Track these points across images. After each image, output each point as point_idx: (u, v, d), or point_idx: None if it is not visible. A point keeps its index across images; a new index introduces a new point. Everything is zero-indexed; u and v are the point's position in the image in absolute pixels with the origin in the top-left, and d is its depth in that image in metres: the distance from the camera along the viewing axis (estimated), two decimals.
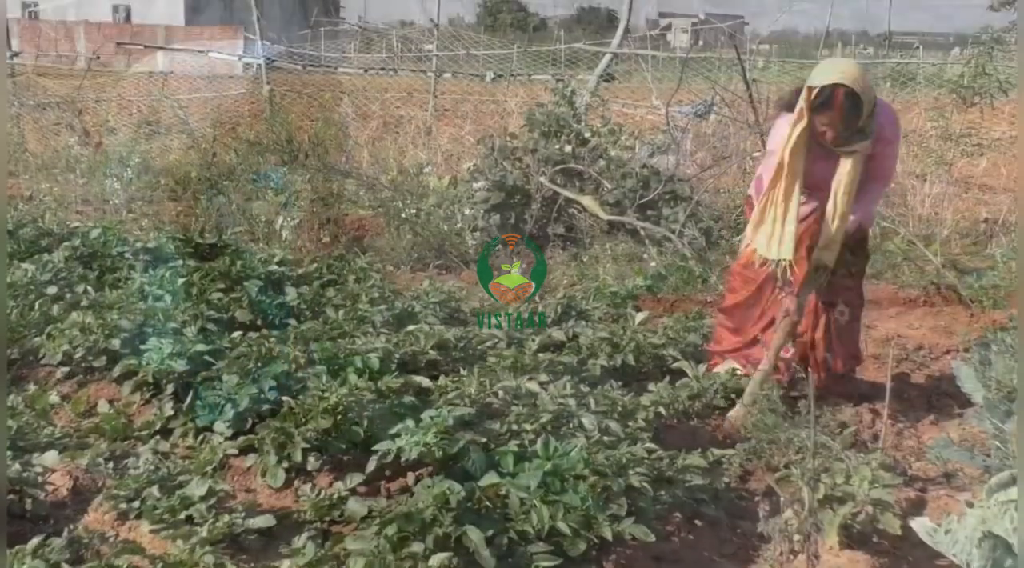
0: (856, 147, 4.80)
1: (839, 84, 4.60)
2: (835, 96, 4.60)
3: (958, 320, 7.04)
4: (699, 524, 4.00)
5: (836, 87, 4.60)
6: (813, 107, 4.67)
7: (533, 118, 9.94)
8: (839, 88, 4.60)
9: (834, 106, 4.62)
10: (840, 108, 4.62)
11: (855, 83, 4.60)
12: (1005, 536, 3.14)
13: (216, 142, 12.61)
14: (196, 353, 5.15)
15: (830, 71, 4.69)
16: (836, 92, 4.60)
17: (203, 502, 3.90)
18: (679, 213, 8.92)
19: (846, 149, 4.82)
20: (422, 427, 4.22)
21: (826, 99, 4.62)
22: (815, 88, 4.65)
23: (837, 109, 4.62)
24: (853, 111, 4.64)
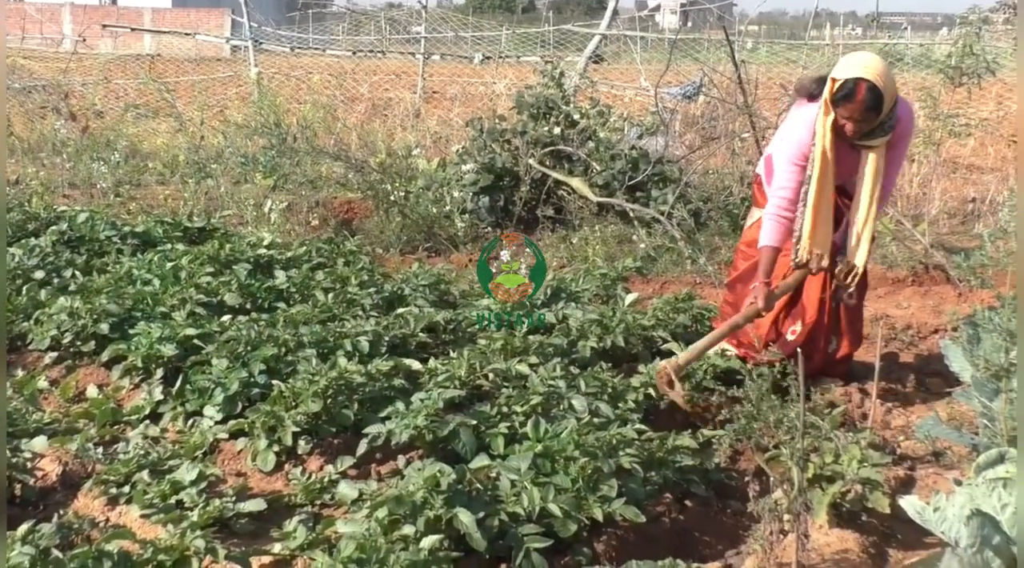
0: (876, 142, 4.80)
1: (862, 78, 4.60)
2: (857, 90, 4.60)
3: (946, 299, 7.06)
4: (689, 504, 4.01)
5: (859, 81, 4.60)
6: (835, 100, 4.67)
7: (522, 100, 9.92)
8: (861, 82, 4.60)
9: (855, 99, 4.62)
10: (861, 102, 4.62)
11: (878, 78, 4.60)
12: (993, 513, 3.16)
13: (204, 125, 12.57)
14: (185, 337, 5.16)
15: (854, 65, 4.68)
16: (859, 86, 4.60)
17: (193, 486, 3.91)
18: (668, 194, 8.91)
19: (866, 143, 4.82)
20: (412, 410, 4.23)
21: (848, 92, 4.62)
22: (838, 80, 4.65)
23: (858, 103, 4.62)
24: (874, 106, 4.63)
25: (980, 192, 10.51)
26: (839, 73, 4.68)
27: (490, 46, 22.51)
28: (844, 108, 4.66)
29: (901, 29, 30.58)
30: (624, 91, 17.51)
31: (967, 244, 8.70)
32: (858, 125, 4.71)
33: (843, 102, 4.65)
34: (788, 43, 20.00)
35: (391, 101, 16.48)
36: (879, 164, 4.83)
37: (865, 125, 4.72)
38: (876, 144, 4.81)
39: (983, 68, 8.81)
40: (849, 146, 4.87)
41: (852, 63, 4.71)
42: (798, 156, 4.92)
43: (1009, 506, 3.16)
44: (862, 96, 4.59)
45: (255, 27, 18.16)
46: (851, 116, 4.67)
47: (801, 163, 4.91)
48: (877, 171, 4.83)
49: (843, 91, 4.63)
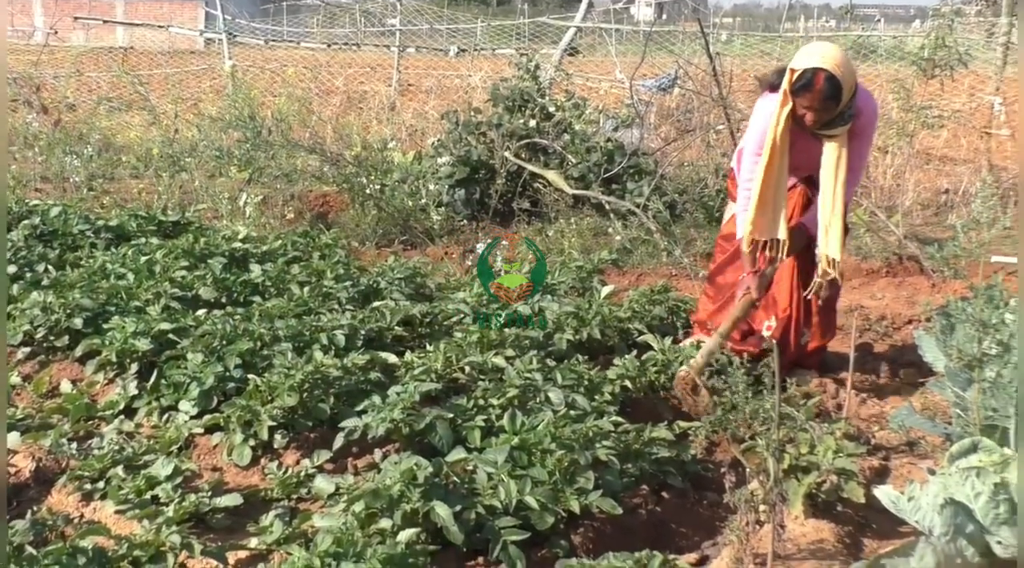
0: (836, 131, 4.82)
1: (820, 68, 4.62)
2: (816, 80, 4.62)
3: (920, 290, 7.11)
4: (666, 496, 4.03)
5: (817, 71, 4.62)
6: (794, 89, 4.69)
7: (497, 93, 9.92)
8: (820, 72, 4.61)
9: (814, 89, 4.64)
10: (820, 92, 4.63)
11: (836, 68, 4.61)
12: (966, 502, 3.18)
13: (178, 118, 12.50)
14: (160, 331, 5.13)
15: (813, 55, 4.70)
16: (817, 76, 4.61)
17: (169, 482, 3.90)
18: (644, 187, 8.93)
19: (826, 133, 4.84)
20: (389, 403, 4.23)
21: (807, 82, 4.64)
22: (796, 70, 4.67)
23: (816, 92, 4.64)
24: (832, 95, 4.65)
25: (953, 183, 10.58)
26: (797, 63, 4.70)
27: (465, 39, 22.49)
28: (803, 98, 4.68)
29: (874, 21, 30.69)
30: (599, 83, 17.52)
31: (940, 235, 8.75)
32: (817, 114, 4.73)
33: (802, 92, 4.67)
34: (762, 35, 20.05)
35: (366, 94, 16.43)
36: (841, 153, 4.84)
37: (824, 114, 4.74)
38: (836, 133, 4.83)
39: (955, 60, 8.86)
40: (811, 136, 4.89)
41: (810, 53, 4.73)
42: (758, 147, 4.96)
43: (982, 495, 3.18)
44: (820, 86, 4.61)
45: (229, 20, 18.03)
46: (810, 106, 4.69)
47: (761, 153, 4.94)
48: (839, 160, 4.85)
49: (801, 81, 4.65)
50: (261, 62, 19.30)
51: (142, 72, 16.78)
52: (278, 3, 38.43)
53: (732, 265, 5.40)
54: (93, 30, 32.14)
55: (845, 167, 4.85)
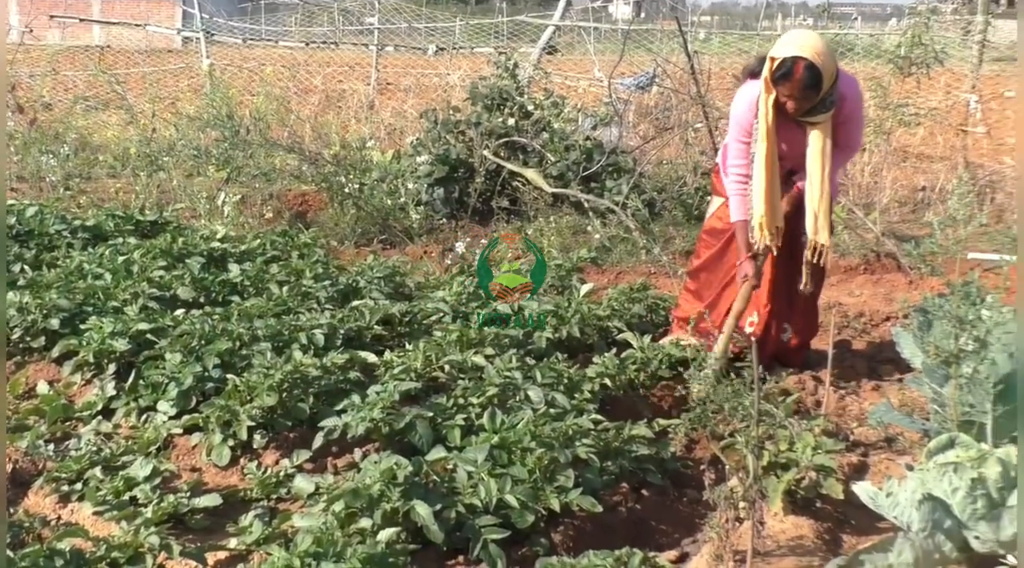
0: (818, 118, 4.86)
1: (799, 57, 4.64)
2: (795, 68, 4.65)
3: (897, 287, 7.14)
4: (646, 493, 4.03)
5: (797, 59, 4.65)
6: (774, 78, 4.73)
7: (476, 91, 9.90)
8: (799, 61, 4.65)
9: (794, 78, 4.67)
10: (800, 80, 4.67)
11: (816, 56, 4.65)
12: (944, 498, 3.20)
13: (155, 117, 12.44)
14: (138, 331, 5.11)
15: (792, 43, 4.74)
16: (796, 64, 4.65)
17: (147, 482, 3.88)
18: (622, 185, 8.94)
19: (809, 120, 4.87)
20: (368, 403, 4.22)
21: (787, 71, 4.68)
22: (776, 59, 4.70)
23: (796, 81, 4.68)
24: (812, 84, 4.69)
25: (930, 181, 10.62)
26: (777, 52, 4.74)
27: (444, 37, 22.45)
28: (784, 86, 4.73)
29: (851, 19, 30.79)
30: (578, 82, 17.51)
31: (917, 232, 8.79)
32: (799, 103, 4.77)
33: (782, 81, 4.72)
34: (740, 34, 20.07)
35: (345, 93, 16.37)
36: (825, 141, 4.89)
37: (806, 102, 4.78)
38: (819, 120, 4.87)
39: (932, 58, 8.90)
40: (795, 124, 4.93)
41: (790, 42, 4.77)
42: (743, 133, 5.05)
43: (960, 490, 3.20)
44: (800, 75, 4.66)
45: (207, 18, 17.96)
46: (791, 94, 4.74)
47: (746, 140, 5.03)
48: (823, 147, 4.89)
49: (781, 70, 4.69)
50: (239, 61, 19.20)
51: (119, 71, 16.68)
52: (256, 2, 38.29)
53: (720, 260, 5.42)
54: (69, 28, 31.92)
55: (831, 154, 4.89)
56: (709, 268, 5.49)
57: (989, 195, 9.93)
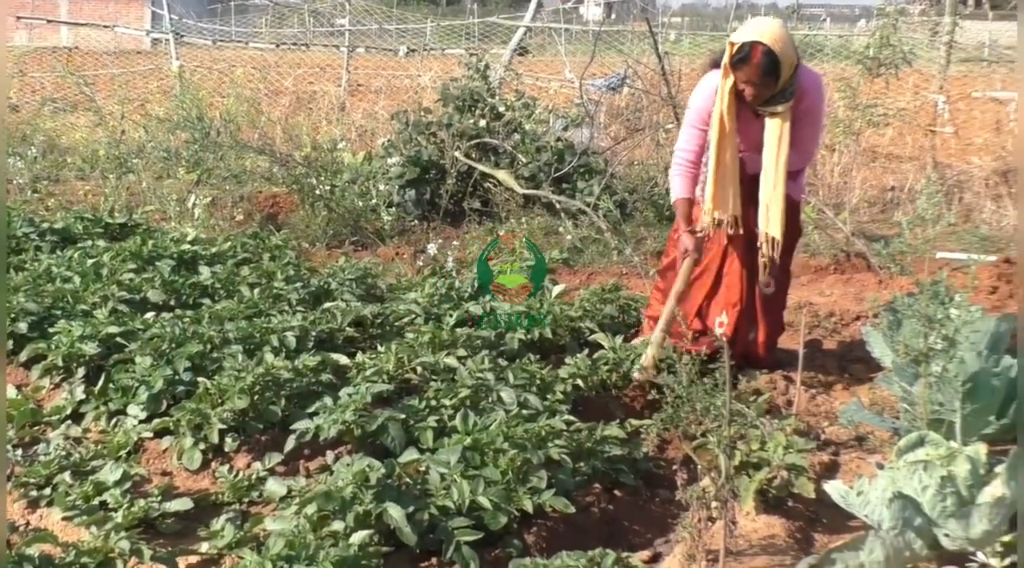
0: (778, 108, 4.89)
1: (757, 42, 4.68)
2: (753, 53, 4.70)
3: (867, 287, 7.17)
4: (618, 494, 4.04)
5: (755, 44, 4.69)
6: (732, 63, 4.78)
7: (447, 93, 9.90)
8: (757, 46, 4.69)
9: (751, 62, 4.71)
10: (758, 65, 4.71)
11: (774, 42, 4.69)
12: (914, 496, 3.22)
13: (125, 119, 12.36)
14: (107, 335, 5.08)
15: (752, 30, 4.81)
16: (754, 49, 4.70)
17: (117, 487, 3.86)
18: (594, 186, 8.96)
19: (768, 109, 4.91)
20: (340, 405, 4.21)
21: (744, 55, 4.73)
22: (735, 44, 4.75)
23: (754, 66, 4.72)
24: (770, 70, 4.73)
25: (899, 181, 10.70)
26: (737, 37, 4.82)
27: (415, 39, 22.41)
28: (742, 71, 4.77)
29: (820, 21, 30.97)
30: (549, 83, 17.53)
31: (887, 232, 8.86)
32: (757, 89, 4.81)
33: (740, 65, 4.76)
34: (711, 35, 20.13)
35: (315, 94, 16.32)
36: (783, 131, 4.92)
37: (764, 90, 4.82)
38: (778, 110, 4.90)
39: (900, 59, 8.97)
40: (753, 114, 4.96)
41: (750, 28, 4.85)
42: (697, 120, 5.09)
43: (930, 488, 3.22)
44: (757, 59, 4.70)
45: (176, 19, 17.85)
46: (749, 79, 4.78)
47: (701, 126, 5.08)
48: (781, 138, 4.92)
49: (740, 54, 4.75)
50: (209, 62, 19.11)
51: (87, 72, 16.55)
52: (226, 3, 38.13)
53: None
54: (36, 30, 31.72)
55: (787, 145, 4.91)
56: (676, 267, 5.50)
57: (957, 195, 10.01)
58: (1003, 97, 14.09)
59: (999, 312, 5.67)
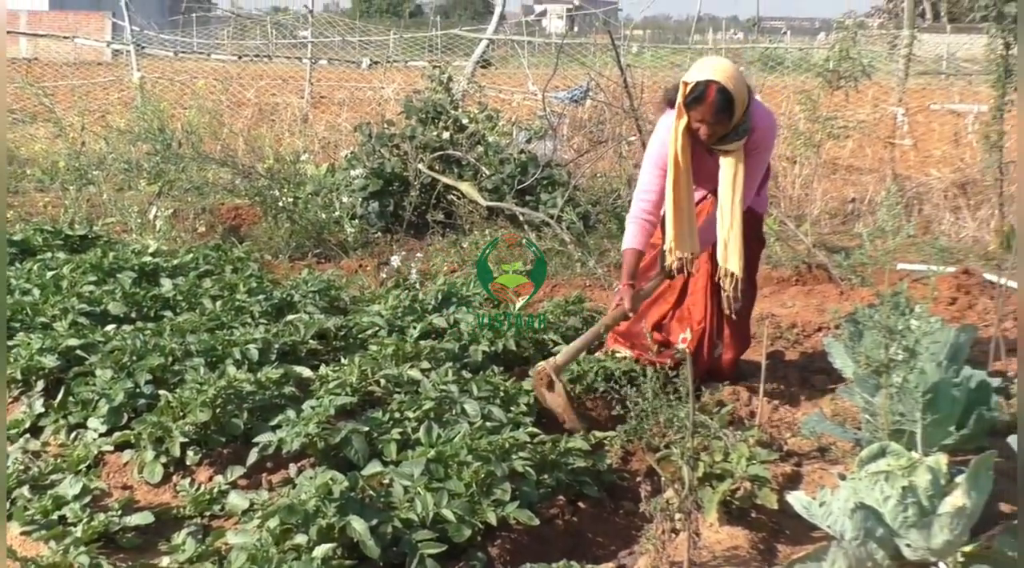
0: (731, 146, 4.89)
1: (712, 81, 4.68)
2: (708, 92, 4.68)
3: (829, 298, 7.22)
4: (582, 506, 4.04)
5: (709, 83, 4.68)
6: (687, 103, 4.75)
7: (410, 105, 9.89)
8: (712, 84, 4.68)
9: (706, 102, 4.70)
10: (712, 104, 4.69)
11: (728, 81, 4.68)
12: (876, 506, 3.24)
13: (85, 131, 12.26)
14: (67, 348, 5.04)
15: (705, 68, 4.77)
16: (709, 88, 4.67)
17: (77, 501, 3.82)
18: (557, 198, 8.97)
19: (721, 148, 4.91)
20: (303, 418, 4.19)
21: (699, 94, 4.70)
22: (689, 83, 4.74)
23: (709, 105, 4.70)
24: (724, 108, 4.71)
25: (859, 192, 10.78)
26: (690, 77, 4.78)
27: (378, 51, 22.42)
28: (696, 111, 4.75)
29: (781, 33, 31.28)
30: (512, 95, 17.57)
31: (848, 243, 8.92)
32: (711, 128, 4.79)
33: (694, 105, 4.74)
34: (672, 47, 20.24)
35: (278, 106, 16.27)
36: (737, 169, 4.91)
37: (719, 128, 4.80)
38: (731, 149, 4.90)
39: (859, 72, 9.06)
40: (707, 152, 4.97)
41: (703, 67, 4.81)
42: (661, 159, 5.01)
43: (891, 499, 3.24)
44: (712, 98, 4.68)
45: (137, 31, 17.78)
46: (703, 119, 4.76)
47: (663, 167, 4.99)
48: (735, 176, 4.91)
49: (694, 93, 4.72)
50: (171, 74, 19.00)
51: (47, 84, 16.40)
52: (187, 15, 38.00)
53: (646, 275, 5.44)
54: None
55: (742, 183, 4.92)
56: (641, 280, 5.50)
57: (916, 207, 10.11)
58: (961, 109, 14.26)
59: (958, 323, 5.73)
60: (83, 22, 42.11)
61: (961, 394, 3.91)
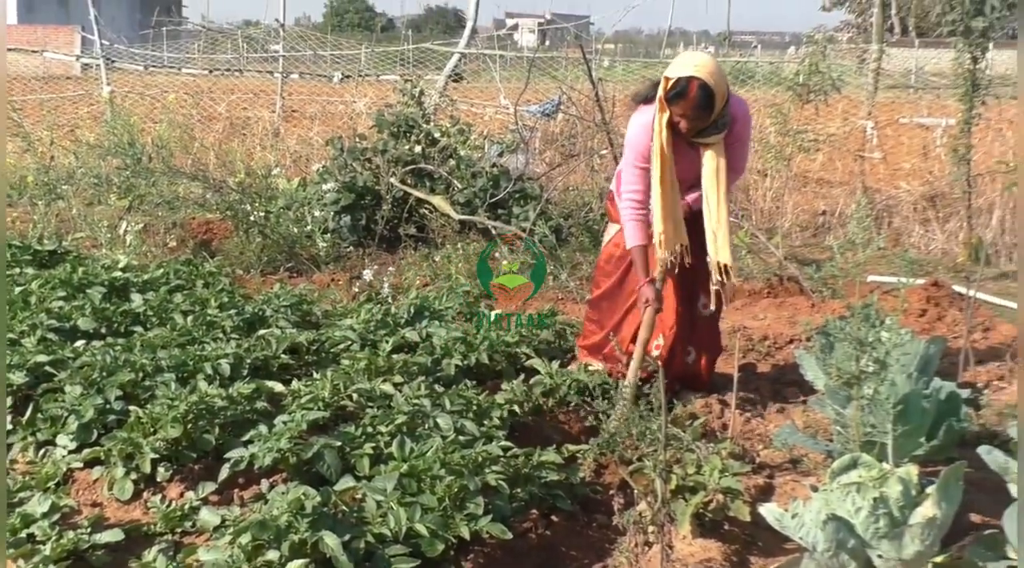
0: (711, 139, 4.96)
1: (693, 77, 4.74)
2: (690, 87, 4.75)
3: (800, 310, 7.25)
4: (555, 519, 4.03)
5: (691, 79, 4.75)
6: (668, 98, 4.82)
7: (382, 119, 9.89)
8: (693, 80, 4.75)
9: (688, 97, 4.76)
10: (694, 99, 4.76)
11: (709, 76, 4.75)
12: (848, 517, 3.25)
13: (54, 145, 12.19)
14: (36, 364, 5.00)
15: (686, 64, 4.85)
16: (691, 84, 4.75)
17: (46, 519, 3.79)
18: (529, 211, 8.98)
19: (702, 141, 4.97)
20: (275, 433, 4.17)
21: (681, 90, 4.77)
22: (671, 79, 4.79)
23: (690, 100, 4.77)
24: (706, 103, 4.79)
25: (830, 205, 10.85)
26: (672, 72, 4.85)
27: (349, 65, 22.36)
28: (678, 106, 4.82)
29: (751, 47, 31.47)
30: (484, 109, 17.58)
31: (819, 256, 8.98)
32: (692, 122, 4.87)
33: (676, 99, 4.81)
34: (643, 61, 20.32)
35: (249, 120, 16.22)
36: (719, 161, 4.99)
37: (699, 122, 4.88)
38: (712, 141, 4.98)
39: (829, 85, 9.13)
40: (688, 145, 5.03)
41: (684, 62, 4.88)
42: (639, 158, 5.10)
43: (863, 510, 3.25)
44: (694, 93, 4.76)
45: (107, 45, 17.68)
46: (684, 113, 4.83)
47: (643, 165, 5.07)
48: (718, 168, 4.99)
49: (676, 89, 4.79)
50: (141, 88, 18.91)
51: (15, 98, 16.30)
52: (158, 28, 37.85)
53: (619, 288, 5.45)
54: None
55: (725, 174, 4.98)
56: (609, 296, 5.51)
57: (886, 219, 10.19)
58: (929, 123, 14.38)
59: (928, 335, 5.78)
60: (52, 36, 41.85)
61: (931, 405, 3.93)
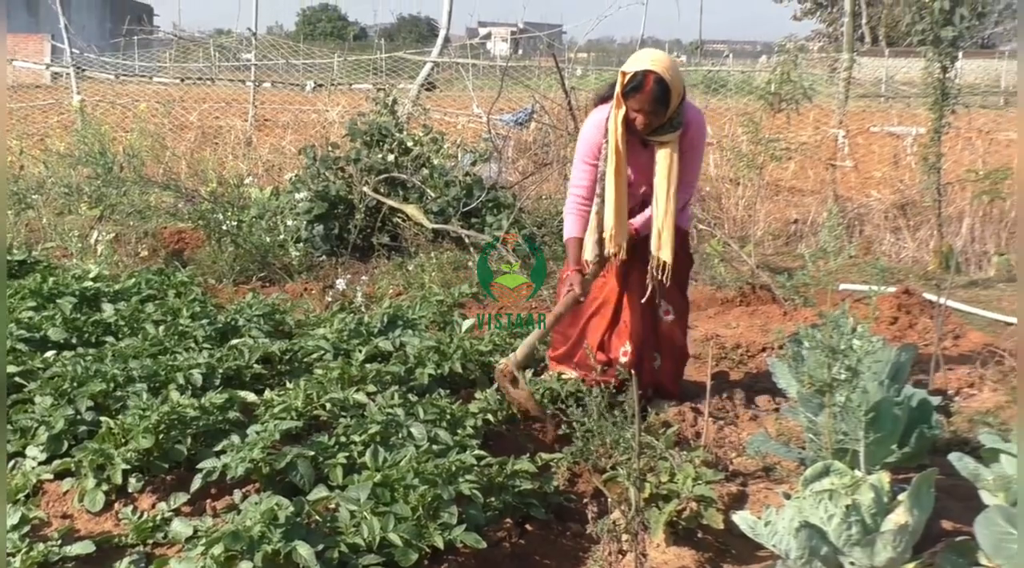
0: (666, 138, 5.01)
1: (650, 70, 4.80)
2: (646, 81, 4.82)
3: (772, 318, 7.28)
4: (529, 528, 4.03)
5: (647, 73, 4.81)
6: (625, 92, 4.89)
7: (355, 128, 9.88)
8: (650, 74, 4.81)
9: (644, 90, 4.82)
10: (650, 93, 4.83)
11: (665, 71, 4.83)
12: (820, 525, 3.27)
13: (23, 155, 12.11)
14: (5, 375, 4.94)
15: (643, 59, 4.93)
16: (647, 77, 4.82)
17: (15, 531, 3.75)
18: (503, 220, 9.00)
19: (657, 138, 5.03)
20: (248, 443, 4.15)
21: (638, 84, 4.84)
22: (628, 73, 4.85)
23: (647, 93, 4.83)
24: (662, 98, 4.85)
25: (802, 214, 10.92)
26: (628, 67, 4.93)
27: (322, 73, 22.32)
28: (634, 100, 4.88)
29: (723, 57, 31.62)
30: (457, 118, 17.59)
31: (791, 264, 9.02)
32: (648, 117, 4.92)
33: (633, 94, 4.87)
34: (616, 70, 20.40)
35: (221, 129, 16.17)
36: (672, 160, 5.04)
37: (655, 118, 4.93)
38: (667, 140, 5.03)
39: (801, 94, 9.18)
40: (642, 147, 5.07)
41: (641, 58, 4.96)
42: (588, 154, 5.21)
43: (835, 517, 3.27)
44: (650, 87, 4.82)
45: (77, 53, 17.59)
46: (641, 108, 4.89)
47: (592, 162, 5.18)
48: (671, 167, 5.04)
49: (633, 83, 4.86)
50: (112, 97, 18.81)
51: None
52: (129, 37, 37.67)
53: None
54: None
55: (677, 173, 5.02)
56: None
57: (858, 228, 10.26)
58: (900, 132, 14.49)
59: (899, 342, 5.81)
60: (21, 44, 41.59)
61: (903, 413, 3.96)
